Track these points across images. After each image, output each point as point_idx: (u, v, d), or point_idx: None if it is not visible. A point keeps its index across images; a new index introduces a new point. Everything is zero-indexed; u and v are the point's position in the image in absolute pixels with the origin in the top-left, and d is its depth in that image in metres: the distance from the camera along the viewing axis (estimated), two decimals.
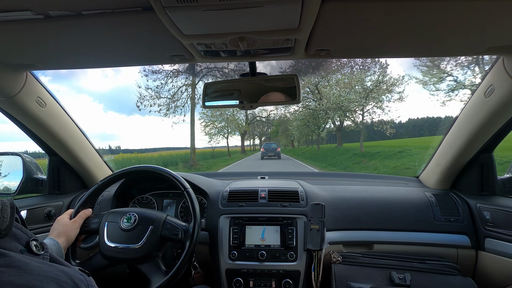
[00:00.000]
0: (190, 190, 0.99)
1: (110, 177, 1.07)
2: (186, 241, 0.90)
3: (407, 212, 1.16)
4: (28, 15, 0.63)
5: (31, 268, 0.33)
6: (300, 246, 1.05)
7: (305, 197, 1.17)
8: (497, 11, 0.61)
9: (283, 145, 47.91)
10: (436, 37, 0.72)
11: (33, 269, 0.33)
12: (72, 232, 0.91)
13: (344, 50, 0.83)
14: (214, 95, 0.99)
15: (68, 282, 0.34)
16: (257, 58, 0.88)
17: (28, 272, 0.32)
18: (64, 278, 0.34)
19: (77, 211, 0.97)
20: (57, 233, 0.88)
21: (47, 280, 0.32)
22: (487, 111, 0.96)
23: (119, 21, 0.65)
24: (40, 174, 1.33)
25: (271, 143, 21.63)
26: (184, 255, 0.88)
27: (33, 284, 0.31)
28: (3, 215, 0.38)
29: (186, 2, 0.53)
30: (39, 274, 0.33)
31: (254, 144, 53.38)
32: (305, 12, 0.58)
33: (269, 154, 19.57)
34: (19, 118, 1.10)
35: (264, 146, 20.99)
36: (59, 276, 0.34)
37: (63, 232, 0.88)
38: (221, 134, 24.15)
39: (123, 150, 19.10)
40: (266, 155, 19.64)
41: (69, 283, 0.34)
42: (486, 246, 1.04)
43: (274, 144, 21.31)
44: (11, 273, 0.31)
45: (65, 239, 0.87)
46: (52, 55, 0.85)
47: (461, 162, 1.17)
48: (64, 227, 0.90)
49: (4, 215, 0.38)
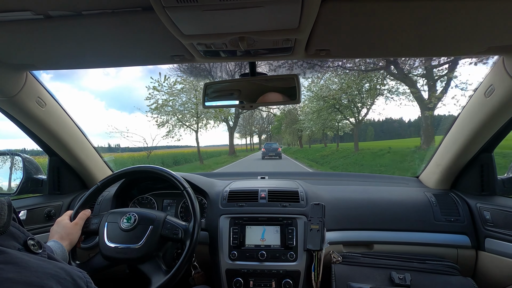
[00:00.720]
0: (190, 189, 0.99)
1: (110, 177, 1.06)
2: (187, 240, 0.90)
3: (407, 212, 1.16)
4: (28, 15, 0.63)
5: (30, 265, 0.33)
6: (300, 246, 1.05)
7: (305, 197, 1.17)
8: (497, 11, 0.61)
9: (286, 143, 44.60)
10: (436, 37, 0.72)
11: (32, 266, 0.33)
12: (75, 234, 0.90)
13: (344, 50, 0.83)
14: (214, 95, 0.99)
15: (67, 279, 0.35)
16: (257, 58, 0.88)
17: (27, 269, 0.32)
18: (63, 274, 0.35)
19: (77, 212, 0.97)
20: (60, 236, 0.87)
21: (46, 276, 0.33)
22: (487, 111, 0.96)
23: (119, 21, 0.65)
24: (40, 174, 1.33)
25: (272, 143, 21.81)
26: (185, 254, 0.88)
27: (32, 281, 0.31)
28: (0, 212, 0.38)
29: (186, 2, 0.53)
30: (38, 270, 0.33)
31: (252, 143, 51.37)
32: (305, 12, 0.58)
33: (269, 154, 19.73)
34: (19, 118, 1.10)
35: (265, 146, 21.11)
36: (58, 272, 0.34)
37: (66, 235, 0.88)
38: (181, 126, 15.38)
39: (122, 149, 18.34)
40: (267, 155, 19.79)
41: (68, 279, 0.35)
42: (486, 246, 1.04)
43: (275, 144, 21.47)
44: (10, 269, 0.31)
45: (68, 243, 0.87)
46: (52, 55, 0.85)
47: (461, 162, 1.17)
48: (66, 229, 0.89)
49: (1, 213, 0.38)
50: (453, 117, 1.16)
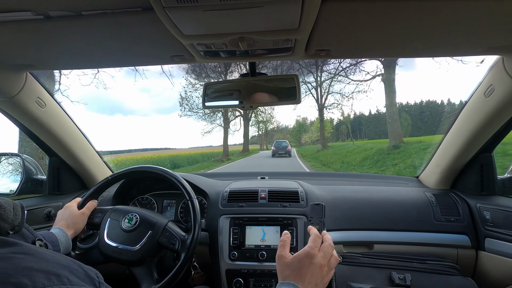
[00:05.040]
0: (195, 201, 0.97)
1: (121, 172, 1.06)
2: (182, 252, 0.88)
3: (407, 212, 1.16)
4: (28, 15, 0.63)
5: (45, 256, 0.36)
6: (300, 247, 1.05)
7: (305, 197, 1.17)
8: (497, 11, 0.61)
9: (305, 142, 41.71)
10: (436, 37, 0.72)
11: (47, 257, 0.36)
12: (81, 224, 0.91)
13: (344, 50, 0.83)
14: (214, 95, 0.99)
15: (79, 270, 0.37)
16: (257, 59, 0.88)
17: (43, 259, 0.35)
18: (76, 266, 0.37)
19: (85, 202, 0.97)
20: (66, 224, 0.88)
21: (61, 266, 0.35)
22: (487, 111, 0.96)
23: (119, 21, 0.65)
24: (39, 175, 1.33)
25: (282, 141, 21.85)
26: (178, 267, 0.85)
27: (49, 269, 0.33)
28: (15, 213, 0.44)
29: (186, 2, 0.53)
30: (53, 261, 0.35)
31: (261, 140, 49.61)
32: (305, 12, 0.58)
33: (279, 152, 19.80)
34: (19, 118, 1.10)
35: (275, 144, 21.20)
36: (70, 264, 0.37)
37: (72, 223, 0.89)
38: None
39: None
40: (277, 152, 19.87)
41: (80, 270, 0.37)
42: (486, 246, 1.04)
43: (285, 142, 21.45)
44: (29, 259, 0.34)
45: (73, 232, 0.88)
46: (52, 56, 0.85)
47: (461, 162, 1.17)
48: (74, 218, 0.90)
49: (16, 214, 0.44)
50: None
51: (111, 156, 11.72)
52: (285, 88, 0.94)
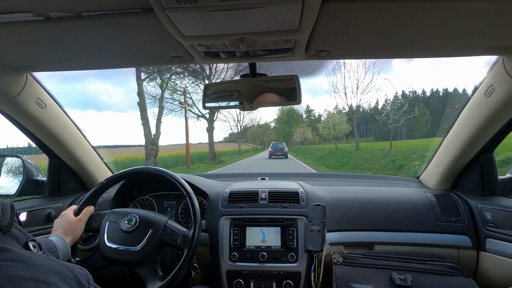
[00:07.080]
0: (193, 196, 0.98)
1: (115, 176, 1.06)
2: (185, 248, 0.89)
3: (407, 212, 1.16)
4: (28, 16, 0.63)
5: (36, 262, 0.35)
6: (300, 247, 1.05)
7: (306, 198, 1.17)
8: (497, 11, 0.61)
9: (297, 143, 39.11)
10: (436, 37, 0.72)
11: (38, 263, 0.35)
12: (78, 230, 0.91)
13: (344, 51, 0.83)
14: (214, 96, 0.99)
15: (70, 276, 0.36)
16: (257, 59, 0.88)
17: (33, 266, 0.34)
18: (66, 272, 0.36)
19: (81, 208, 0.97)
20: (64, 231, 0.87)
21: (51, 273, 0.34)
22: (488, 111, 0.96)
23: (119, 22, 0.65)
24: (40, 176, 1.33)
25: (279, 143, 22.21)
26: (181, 262, 0.86)
27: (39, 278, 0.32)
28: (4, 213, 0.41)
29: (186, 3, 0.53)
30: (43, 268, 0.34)
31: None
32: (305, 12, 0.58)
33: (276, 153, 20.16)
34: (19, 119, 1.10)
35: (272, 146, 21.56)
36: (61, 270, 0.36)
37: (69, 230, 0.88)
38: None
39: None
40: (274, 154, 20.22)
41: (71, 276, 0.36)
42: (487, 246, 1.04)
43: (282, 144, 21.83)
44: (18, 267, 0.33)
45: (72, 239, 0.87)
46: (52, 57, 0.85)
47: (461, 162, 1.17)
48: (71, 225, 0.89)
49: (5, 213, 0.41)
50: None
51: (111, 157, 11.56)
52: (286, 88, 0.94)
